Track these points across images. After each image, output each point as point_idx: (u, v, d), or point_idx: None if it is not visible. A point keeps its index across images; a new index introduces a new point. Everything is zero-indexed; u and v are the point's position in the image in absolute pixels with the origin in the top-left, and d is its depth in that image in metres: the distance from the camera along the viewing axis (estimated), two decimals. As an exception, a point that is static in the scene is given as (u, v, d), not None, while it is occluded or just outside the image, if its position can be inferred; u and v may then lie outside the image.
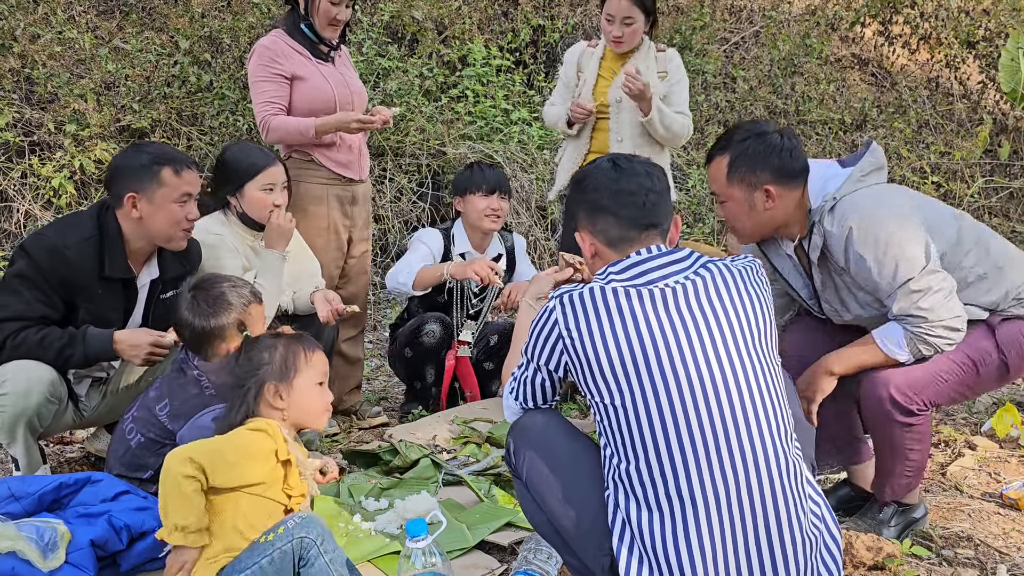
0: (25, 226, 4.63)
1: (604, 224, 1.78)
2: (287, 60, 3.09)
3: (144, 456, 2.30)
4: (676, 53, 3.53)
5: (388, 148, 5.41)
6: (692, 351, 1.61)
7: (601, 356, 1.63)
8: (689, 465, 1.58)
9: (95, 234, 2.48)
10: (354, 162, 3.27)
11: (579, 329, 1.65)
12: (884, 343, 2.20)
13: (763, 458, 1.60)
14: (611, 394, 1.63)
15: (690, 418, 1.59)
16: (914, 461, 2.29)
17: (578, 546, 1.75)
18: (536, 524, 1.88)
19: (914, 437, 2.25)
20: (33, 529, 1.92)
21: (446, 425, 3.11)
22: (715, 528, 1.58)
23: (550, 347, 1.71)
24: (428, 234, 3.46)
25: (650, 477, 1.60)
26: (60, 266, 2.41)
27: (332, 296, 2.96)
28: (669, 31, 6.87)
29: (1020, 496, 2.61)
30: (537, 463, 1.80)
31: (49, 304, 2.43)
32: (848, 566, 2.20)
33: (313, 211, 3.18)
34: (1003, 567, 2.26)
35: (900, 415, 2.20)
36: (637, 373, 1.61)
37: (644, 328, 1.62)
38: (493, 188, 3.34)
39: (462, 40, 6.21)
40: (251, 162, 2.90)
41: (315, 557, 1.75)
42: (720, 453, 1.58)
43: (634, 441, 1.61)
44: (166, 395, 2.31)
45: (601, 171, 1.82)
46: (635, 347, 1.61)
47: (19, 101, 4.93)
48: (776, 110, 6.88)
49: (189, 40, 5.26)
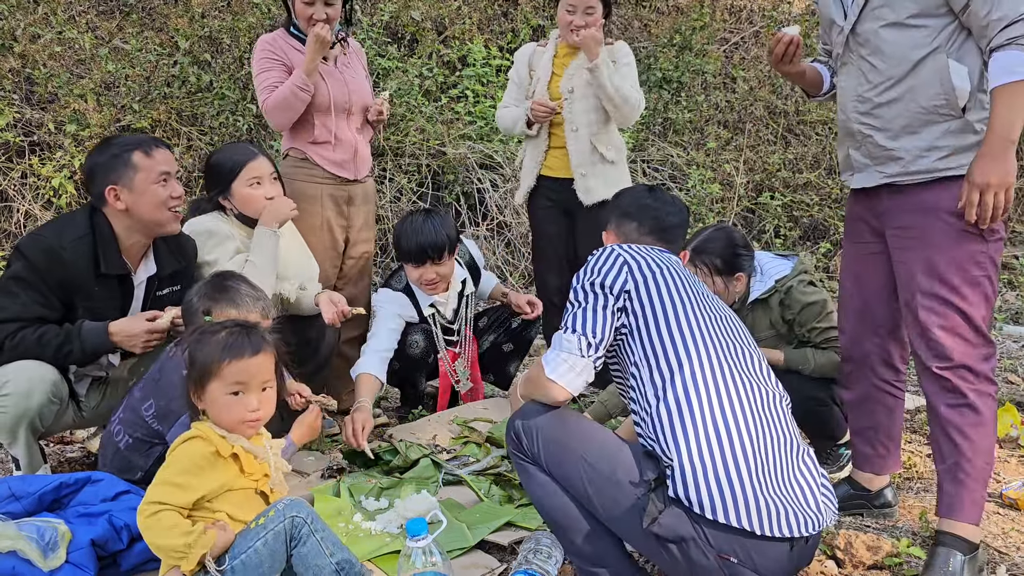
0: (25, 226, 4.63)
1: (628, 228, 2.20)
2: (287, 54, 3.13)
3: (133, 457, 2.29)
4: (624, 44, 3.58)
5: (388, 148, 5.41)
6: (703, 292, 1.98)
7: (660, 272, 1.92)
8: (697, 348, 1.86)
9: (88, 233, 2.48)
10: (349, 162, 3.25)
11: (639, 256, 1.95)
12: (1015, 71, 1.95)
13: (759, 378, 1.90)
14: (655, 312, 1.87)
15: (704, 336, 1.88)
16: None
17: (611, 501, 1.80)
18: (551, 510, 1.90)
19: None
20: (34, 529, 1.92)
21: (446, 425, 3.11)
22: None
23: (615, 270, 1.91)
24: (392, 301, 3.18)
25: (666, 361, 1.84)
26: (57, 266, 2.42)
27: (337, 298, 2.94)
28: (669, 31, 6.87)
29: (1020, 496, 2.62)
30: (552, 435, 1.88)
31: (46, 305, 2.43)
32: (848, 565, 2.21)
33: (307, 210, 3.17)
34: (1003, 567, 2.26)
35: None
36: (678, 291, 1.91)
37: (678, 268, 1.99)
38: (421, 259, 3.06)
39: (462, 40, 6.21)
40: (233, 161, 2.89)
41: (307, 535, 1.79)
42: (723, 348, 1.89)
43: (663, 339, 1.86)
44: (151, 395, 2.29)
45: (638, 190, 2.34)
46: (674, 273, 1.95)
47: (19, 101, 4.94)
48: (776, 110, 6.89)
49: (189, 40, 5.26)
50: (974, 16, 2.00)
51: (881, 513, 2.53)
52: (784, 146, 6.73)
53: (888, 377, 2.42)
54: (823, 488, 1.86)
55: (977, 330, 2.12)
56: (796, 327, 2.74)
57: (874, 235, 2.34)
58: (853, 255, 2.44)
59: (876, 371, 2.42)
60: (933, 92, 2.08)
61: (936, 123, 2.10)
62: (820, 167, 6.55)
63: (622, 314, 1.89)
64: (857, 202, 2.39)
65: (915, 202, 2.17)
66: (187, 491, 1.80)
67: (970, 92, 2.06)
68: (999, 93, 1.96)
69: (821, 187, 6.37)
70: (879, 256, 2.32)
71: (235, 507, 1.87)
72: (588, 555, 1.88)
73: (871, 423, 2.47)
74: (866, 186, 2.27)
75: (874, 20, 2.15)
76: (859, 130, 2.24)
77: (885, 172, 2.20)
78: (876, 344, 2.39)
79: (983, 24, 1.98)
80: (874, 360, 2.41)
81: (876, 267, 2.35)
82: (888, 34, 2.13)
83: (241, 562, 1.75)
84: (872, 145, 2.21)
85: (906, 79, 2.11)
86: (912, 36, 2.09)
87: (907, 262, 2.20)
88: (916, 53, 2.09)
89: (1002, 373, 4.13)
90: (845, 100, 2.29)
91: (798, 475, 1.83)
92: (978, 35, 2.02)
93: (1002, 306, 5.48)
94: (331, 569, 1.81)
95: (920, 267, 2.16)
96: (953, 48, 2.06)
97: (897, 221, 2.22)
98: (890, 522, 2.51)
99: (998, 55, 1.96)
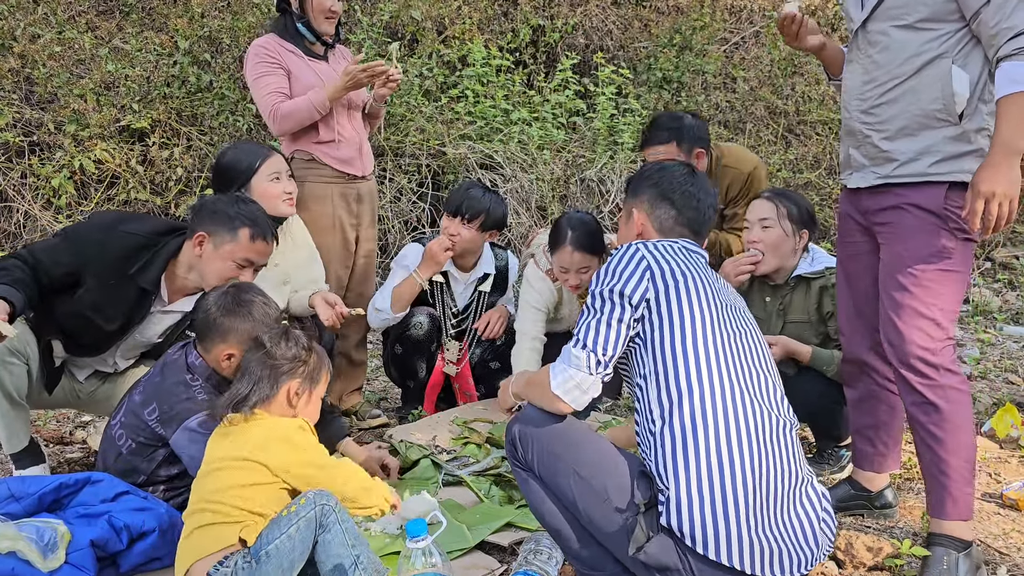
0: (25, 226, 4.63)
1: (663, 213, 2.01)
2: (282, 56, 3.11)
3: (136, 461, 2.28)
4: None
5: (388, 148, 5.41)
6: (727, 302, 1.89)
7: (683, 281, 1.82)
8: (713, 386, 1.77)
9: (152, 240, 2.49)
10: (356, 158, 3.25)
11: (665, 259, 1.84)
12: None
13: (770, 405, 1.82)
14: (671, 327, 1.78)
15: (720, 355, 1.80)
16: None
17: (601, 518, 1.77)
18: (546, 516, 1.89)
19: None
20: (33, 529, 1.92)
21: (446, 425, 3.11)
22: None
23: (637, 276, 1.81)
24: (410, 250, 3.33)
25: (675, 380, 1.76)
26: (98, 238, 2.42)
27: (333, 299, 2.92)
28: (669, 31, 6.87)
29: (1020, 496, 2.61)
30: (547, 445, 1.85)
31: (55, 263, 2.37)
32: (848, 566, 2.21)
33: (317, 210, 3.16)
34: (1003, 567, 2.26)
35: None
36: (700, 304, 1.81)
37: (705, 273, 1.89)
38: (455, 211, 3.21)
39: (462, 40, 6.21)
40: (252, 156, 2.88)
41: (332, 524, 1.85)
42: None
43: (685, 361, 1.77)
44: (153, 399, 2.26)
45: (679, 171, 2.06)
46: (700, 281, 1.85)
47: (19, 101, 4.94)
48: (776, 110, 6.88)
49: (189, 40, 5.25)
50: (984, 25, 1.99)
51: (881, 513, 2.52)
52: (785, 146, 6.72)
53: (888, 375, 2.41)
54: (824, 520, 1.82)
55: (937, 324, 2.11)
56: (830, 322, 2.77)
57: (862, 233, 2.34)
58: (844, 254, 2.45)
59: (875, 369, 2.42)
60: (933, 96, 2.08)
61: (933, 128, 2.10)
62: (820, 167, 6.55)
63: (638, 324, 1.81)
64: (846, 200, 2.40)
65: (893, 199, 2.18)
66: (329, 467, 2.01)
67: (969, 99, 2.06)
68: (1005, 103, 1.94)
69: (821, 187, 6.37)
70: (869, 255, 2.33)
71: (267, 496, 1.94)
72: (586, 559, 1.86)
73: (872, 421, 2.47)
74: (860, 186, 2.28)
75: (885, 19, 2.14)
76: (860, 129, 2.24)
77: (879, 173, 2.21)
78: (872, 343, 2.38)
79: (992, 33, 1.97)
80: (871, 358, 2.41)
81: (865, 266, 2.35)
82: (897, 34, 2.12)
83: (275, 547, 1.81)
84: (871, 146, 2.21)
85: (908, 80, 2.11)
86: (920, 39, 2.09)
87: (882, 257, 2.22)
88: (922, 56, 2.09)
89: (1002, 373, 4.12)
90: (848, 97, 2.29)
91: (799, 509, 1.78)
92: (986, 44, 2.01)
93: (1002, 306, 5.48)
94: (350, 561, 1.85)
95: (888, 260, 2.18)
96: (959, 55, 2.06)
97: (878, 218, 2.24)
98: (890, 522, 2.51)
99: (1005, 65, 1.95)
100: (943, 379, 2.10)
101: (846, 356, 2.49)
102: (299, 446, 1.98)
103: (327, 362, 2.15)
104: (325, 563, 1.86)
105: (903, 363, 2.13)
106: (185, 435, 2.16)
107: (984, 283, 5.89)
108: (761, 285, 2.93)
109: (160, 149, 4.89)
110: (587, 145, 5.89)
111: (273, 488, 1.94)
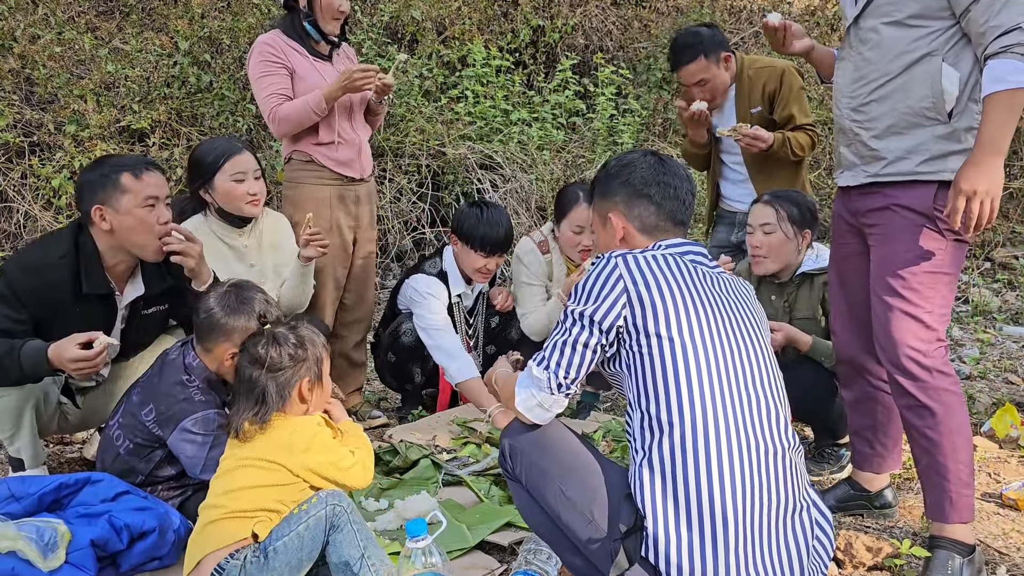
0: (24, 226, 4.63)
1: (642, 210, 1.88)
2: (286, 55, 3.09)
3: (134, 462, 2.28)
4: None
5: (388, 148, 5.41)
6: (727, 316, 1.75)
7: (662, 304, 1.69)
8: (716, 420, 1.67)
9: (71, 252, 2.42)
10: (355, 160, 3.23)
11: (644, 279, 1.72)
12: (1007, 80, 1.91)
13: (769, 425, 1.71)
14: (651, 355, 1.68)
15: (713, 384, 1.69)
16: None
17: (585, 538, 1.74)
18: (536, 526, 1.88)
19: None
20: (33, 529, 1.92)
21: (446, 425, 3.11)
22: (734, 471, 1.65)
23: (611, 299, 1.72)
24: (432, 287, 3.22)
25: (679, 416, 1.66)
26: (37, 284, 2.35)
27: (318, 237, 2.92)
28: (669, 31, 6.87)
29: (1020, 496, 2.62)
30: (535, 461, 1.82)
31: (17, 321, 2.34)
32: (848, 566, 2.21)
33: (315, 212, 3.14)
34: (1003, 567, 2.26)
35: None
36: (689, 324, 1.69)
37: (696, 285, 1.75)
38: (494, 251, 3.18)
39: (462, 40, 6.21)
40: (216, 153, 2.85)
41: (344, 524, 1.89)
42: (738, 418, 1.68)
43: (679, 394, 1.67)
44: (150, 400, 2.26)
45: (646, 162, 1.92)
46: (688, 298, 1.72)
47: (19, 102, 4.94)
48: (776, 110, 6.87)
49: (189, 41, 5.25)
50: (973, 22, 1.99)
51: (881, 513, 2.53)
52: (784, 146, 6.72)
53: (882, 376, 2.40)
54: (816, 547, 1.75)
55: (928, 327, 2.10)
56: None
57: (854, 235, 2.34)
58: (836, 255, 2.45)
59: (870, 371, 2.41)
60: (922, 94, 2.08)
61: (922, 126, 2.09)
62: (820, 167, 6.54)
63: (613, 346, 1.75)
64: (839, 201, 2.41)
65: (882, 200, 2.17)
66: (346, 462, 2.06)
67: (958, 98, 2.05)
68: (990, 102, 1.93)
69: (821, 187, 6.36)
70: (860, 257, 2.32)
71: (285, 495, 1.96)
72: (579, 567, 1.84)
73: (869, 422, 2.47)
74: (850, 184, 2.28)
75: (877, 15, 2.14)
76: (850, 127, 2.24)
77: (868, 171, 2.21)
78: (866, 344, 2.37)
79: (981, 31, 1.97)
80: (866, 360, 2.40)
81: (857, 267, 2.34)
82: (887, 31, 2.12)
83: (283, 543, 1.84)
84: (860, 144, 2.21)
85: (898, 78, 2.11)
86: (910, 36, 2.09)
87: (872, 259, 2.22)
88: (912, 53, 2.09)
89: (1002, 373, 4.12)
90: (839, 95, 2.29)
91: (789, 539, 1.70)
92: (975, 41, 2.01)
93: (1002, 306, 5.48)
94: (360, 562, 1.87)
95: (877, 262, 2.18)
96: (950, 53, 2.05)
97: (868, 219, 2.24)
98: (890, 522, 2.51)
99: (992, 63, 1.94)
100: (935, 381, 2.09)
101: (840, 357, 2.49)
102: (324, 447, 2.01)
103: (321, 340, 2.13)
104: (335, 561, 1.89)
105: (895, 366, 2.13)
106: (182, 435, 2.16)
107: (984, 283, 5.88)
108: (767, 283, 2.97)
109: (160, 150, 4.89)
110: (587, 145, 5.89)
111: (294, 489, 1.96)
